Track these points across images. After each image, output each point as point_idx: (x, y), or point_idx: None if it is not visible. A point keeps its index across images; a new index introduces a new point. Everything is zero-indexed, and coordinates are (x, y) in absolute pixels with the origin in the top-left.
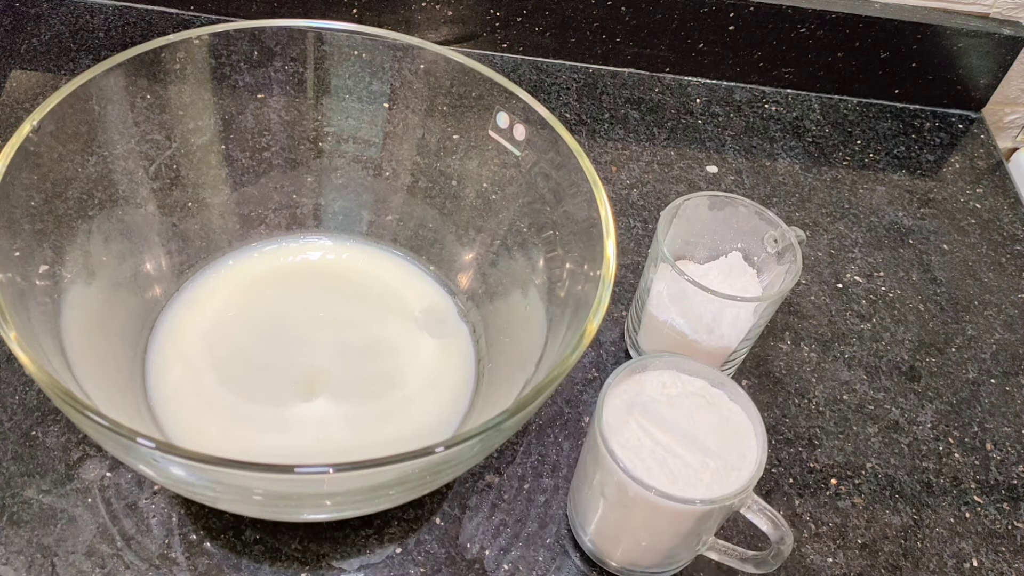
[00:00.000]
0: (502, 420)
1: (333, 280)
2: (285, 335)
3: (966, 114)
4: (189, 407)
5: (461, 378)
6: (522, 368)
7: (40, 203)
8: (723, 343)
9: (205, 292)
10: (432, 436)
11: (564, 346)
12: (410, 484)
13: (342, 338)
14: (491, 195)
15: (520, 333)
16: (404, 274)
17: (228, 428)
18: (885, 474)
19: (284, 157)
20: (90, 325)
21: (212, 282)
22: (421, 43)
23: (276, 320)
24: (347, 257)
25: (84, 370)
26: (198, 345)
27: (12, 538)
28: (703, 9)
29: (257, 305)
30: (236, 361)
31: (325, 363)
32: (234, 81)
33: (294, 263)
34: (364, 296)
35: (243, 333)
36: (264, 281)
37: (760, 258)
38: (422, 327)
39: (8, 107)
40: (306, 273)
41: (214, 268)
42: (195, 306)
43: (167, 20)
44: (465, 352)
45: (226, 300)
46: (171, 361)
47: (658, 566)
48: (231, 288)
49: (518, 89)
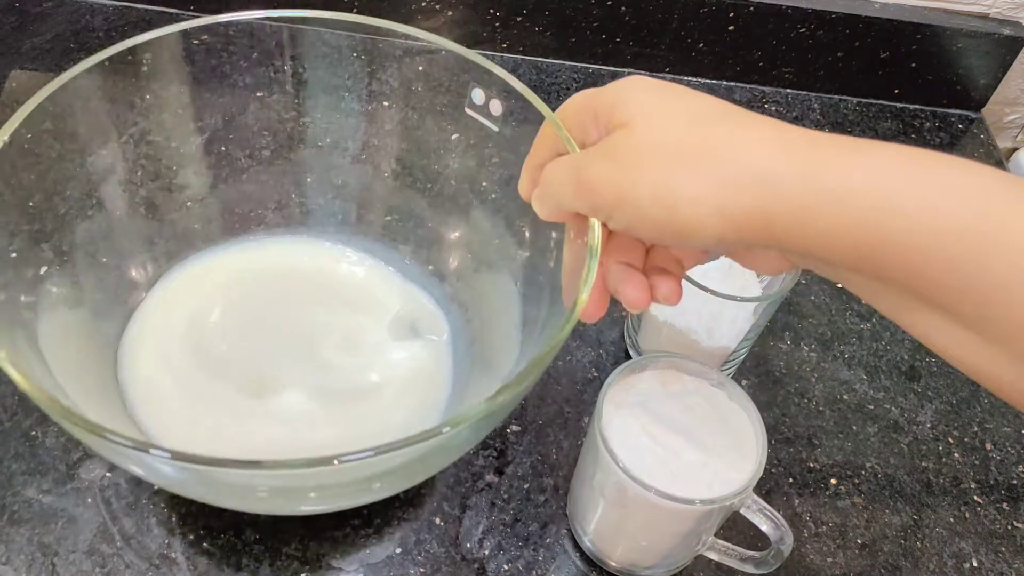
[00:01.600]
0: (497, 396)
1: (313, 278)
2: (263, 333)
3: (966, 114)
4: (165, 405)
5: (439, 374)
6: (510, 349)
7: (22, 208)
8: (722, 343)
9: (182, 290)
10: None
11: (555, 321)
12: (399, 473)
13: (321, 336)
14: (474, 174)
15: (506, 317)
16: (384, 273)
17: (200, 424)
18: (885, 474)
19: (264, 153)
20: (67, 327)
21: (189, 280)
22: (391, 25)
23: (253, 317)
24: (327, 255)
25: (62, 370)
26: (173, 343)
27: (12, 537)
28: (703, 9)
29: (235, 303)
30: (212, 358)
31: (302, 361)
32: (208, 80)
33: (273, 261)
34: (343, 294)
35: (219, 331)
36: (243, 279)
37: None
38: (398, 326)
39: (8, 107)
40: (286, 271)
41: (191, 266)
42: (171, 303)
43: (167, 20)
44: (442, 350)
45: (203, 298)
46: (146, 359)
47: (658, 566)
48: (209, 285)
49: (491, 64)
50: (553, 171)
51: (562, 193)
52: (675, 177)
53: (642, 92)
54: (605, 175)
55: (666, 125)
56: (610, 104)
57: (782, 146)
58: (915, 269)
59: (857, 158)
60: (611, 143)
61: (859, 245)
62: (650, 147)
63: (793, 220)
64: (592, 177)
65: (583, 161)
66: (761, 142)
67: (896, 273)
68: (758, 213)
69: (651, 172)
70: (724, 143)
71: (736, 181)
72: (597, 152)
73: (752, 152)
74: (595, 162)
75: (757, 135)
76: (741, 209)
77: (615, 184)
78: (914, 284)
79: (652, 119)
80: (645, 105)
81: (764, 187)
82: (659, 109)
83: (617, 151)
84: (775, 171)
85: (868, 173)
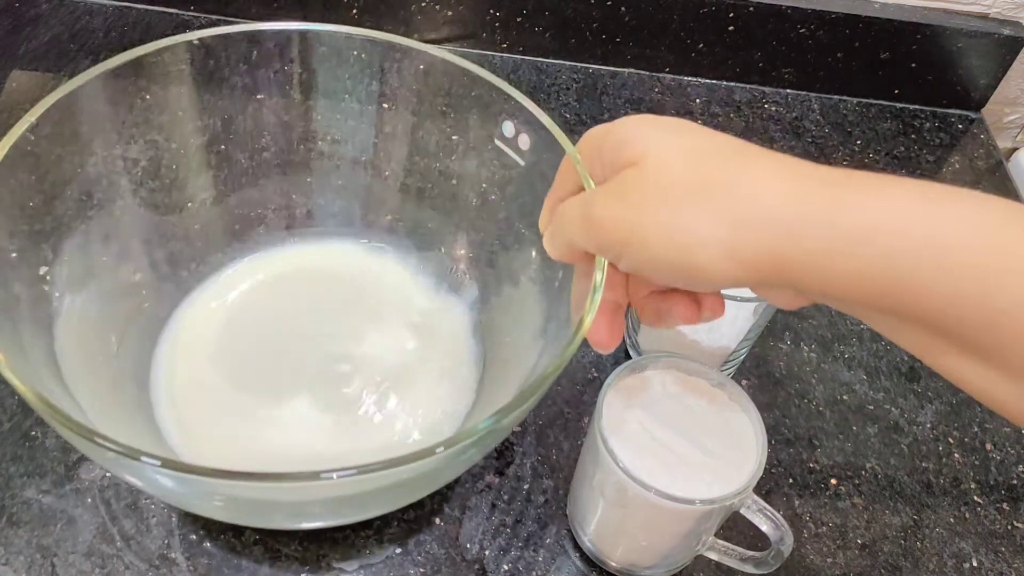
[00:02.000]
0: (498, 419)
1: (333, 283)
2: (285, 340)
3: (966, 114)
4: (192, 416)
5: (463, 379)
6: (523, 365)
7: (30, 209)
8: (723, 343)
9: (204, 297)
10: (434, 438)
11: (560, 341)
12: (406, 488)
13: (340, 342)
14: (489, 195)
15: (520, 330)
16: (403, 276)
17: (229, 434)
18: (885, 474)
19: (281, 160)
20: (84, 335)
21: (209, 289)
22: (418, 45)
23: (275, 325)
24: (347, 260)
25: (78, 382)
26: (199, 351)
27: (12, 538)
28: (703, 9)
29: (256, 310)
30: (237, 368)
31: (324, 367)
32: (232, 83)
33: (293, 266)
34: (363, 299)
35: (243, 339)
36: (263, 285)
37: None
38: (421, 329)
39: (8, 107)
40: (301, 276)
41: (209, 273)
42: (195, 312)
43: (167, 21)
44: (465, 354)
45: (226, 305)
46: (174, 367)
47: (658, 566)
48: (230, 293)
49: (515, 91)
50: (565, 209)
51: (572, 231)
52: (684, 217)
53: (652, 129)
54: (613, 214)
55: (675, 163)
56: (619, 141)
57: (796, 186)
58: (935, 306)
59: (871, 198)
60: (620, 181)
61: (878, 286)
62: (659, 186)
63: (809, 263)
64: (600, 216)
65: (592, 199)
66: (774, 181)
67: (917, 311)
68: (773, 256)
69: (660, 212)
70: (735, 182)
71: (749, 222)
72: (606, 190)
73: (765, 192)
74: (604, 200)
75: (769, 174)
76: (754, 252)
77: (623, 223)
78: (935, 321)
79: (661, 157)
80: (654, 143)
81: (778, 229)
82: (668, 147)
83: (626, 190)
84: (790, 213)
85: (884, 214)
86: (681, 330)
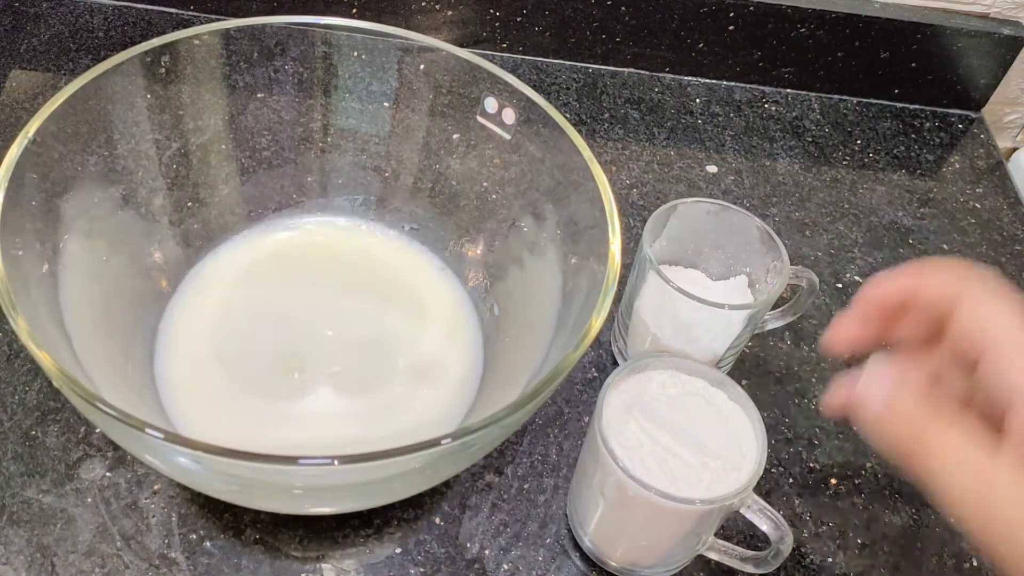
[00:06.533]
0: (502, 417)
1: (340, 269)
2: (290, 326)
3: (966, 114)
4: (196, 399)
5: (467, 372)
6: (529, 363)
7: (42, 201)
8: (714, 347)
9: (209, 283)
10: (437, 430)
11: (567, 343)
12: (411, 479)
13: (348, 329)
14: (490, 192)
15: (527, 327)
16: (414, 264)
17: (233, 420)
18: (885, 474)
19: (287, 154)
20: (96, 320)
21: (215, 274)
22: (422, 38)
23: (281, 312)
24: (354, 245)
25: (93, 365)
26: (203, 338)
27: (12, 538)
28: (703, 9)
29: (262, 296)
30: (243, 353)
31: (331, 354)
32: (237, 79)
33: (299, 251)
34: (372, 287)
35: (248, 326)
36: (269, 271)
37: (753, 271)
38: (430, 319)
39: (8, 107)
40: (312, 262)
41: (215, 261)
42: (200, 298)
43: (167, 20)
44: (472, 345)
45: (230, 292)
46: (178, 352)
47: (658, 566)
48: (235, 280)
49: (507, 75)
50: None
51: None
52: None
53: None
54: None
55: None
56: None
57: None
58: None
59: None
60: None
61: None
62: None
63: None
64: (1002, 506)
65: (998, 472)
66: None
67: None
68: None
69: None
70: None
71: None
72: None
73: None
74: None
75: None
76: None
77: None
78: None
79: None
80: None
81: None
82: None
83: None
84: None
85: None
86: (667, 339)
